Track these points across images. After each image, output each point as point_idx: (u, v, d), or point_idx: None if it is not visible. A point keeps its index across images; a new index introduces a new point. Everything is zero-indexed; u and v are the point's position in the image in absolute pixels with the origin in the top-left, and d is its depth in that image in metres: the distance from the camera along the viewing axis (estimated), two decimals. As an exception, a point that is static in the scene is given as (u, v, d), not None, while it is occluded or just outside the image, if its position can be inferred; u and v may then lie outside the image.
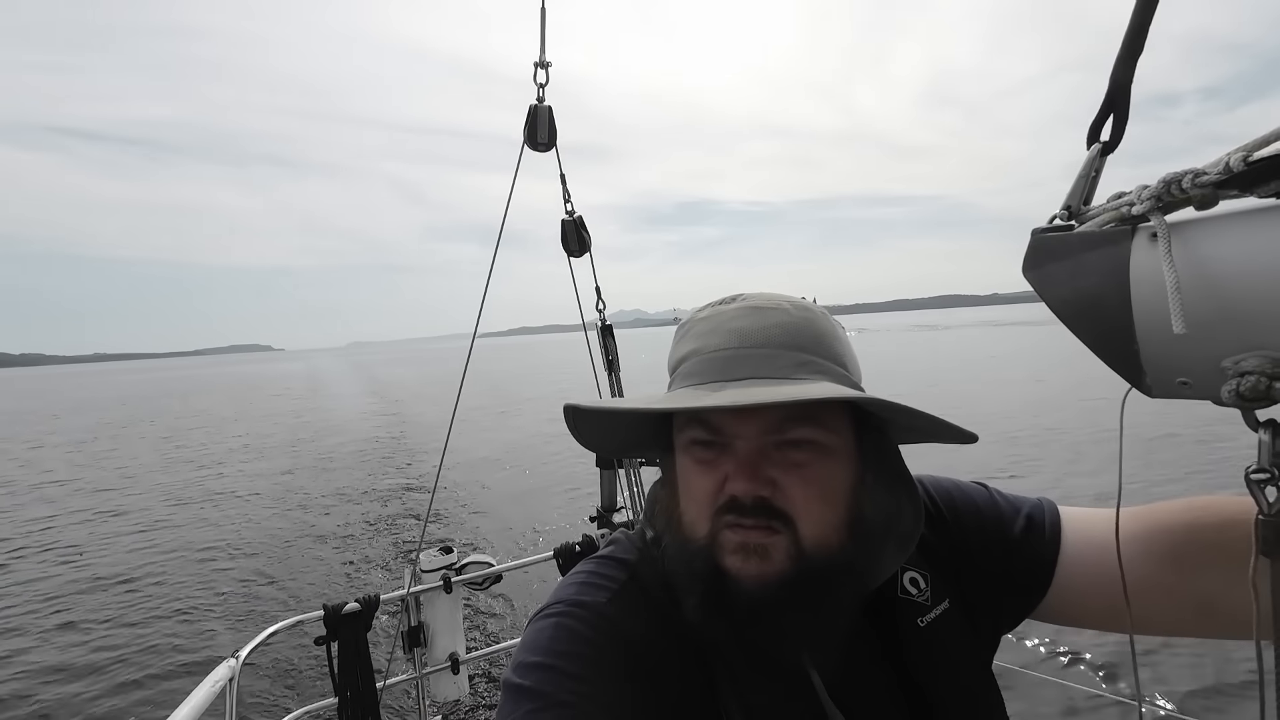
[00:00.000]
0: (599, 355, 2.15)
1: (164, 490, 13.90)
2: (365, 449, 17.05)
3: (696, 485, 0.58)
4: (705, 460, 0.58)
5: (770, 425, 0.56)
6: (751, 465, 0.55)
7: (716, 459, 0.58)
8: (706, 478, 0.58)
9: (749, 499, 0.55)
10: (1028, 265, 0.54)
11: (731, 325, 0.60)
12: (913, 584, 0.65)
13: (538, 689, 0.52)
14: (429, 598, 2.32)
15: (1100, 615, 0.65)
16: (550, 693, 0.51)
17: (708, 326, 0.61)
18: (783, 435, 0.56)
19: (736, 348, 0.58)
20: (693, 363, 0.60)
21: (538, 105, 1.76)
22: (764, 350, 0.58)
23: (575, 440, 0.68)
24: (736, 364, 0.58)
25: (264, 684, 5.14)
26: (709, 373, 0.58)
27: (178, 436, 23.73)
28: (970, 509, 0.71)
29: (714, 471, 0.57)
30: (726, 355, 0.58)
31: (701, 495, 0.58)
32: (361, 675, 2.04)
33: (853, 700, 0.59)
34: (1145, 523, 0.63)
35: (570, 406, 0.62)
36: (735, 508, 0.55)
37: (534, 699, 0.51)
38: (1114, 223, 0.48)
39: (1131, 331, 0.47)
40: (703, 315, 0.63)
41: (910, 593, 0.64)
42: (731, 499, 0.55)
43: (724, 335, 0.60)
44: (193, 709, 1.54)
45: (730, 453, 0.57)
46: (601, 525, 2.42)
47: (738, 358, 0.58)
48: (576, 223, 1.93)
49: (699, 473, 0.58)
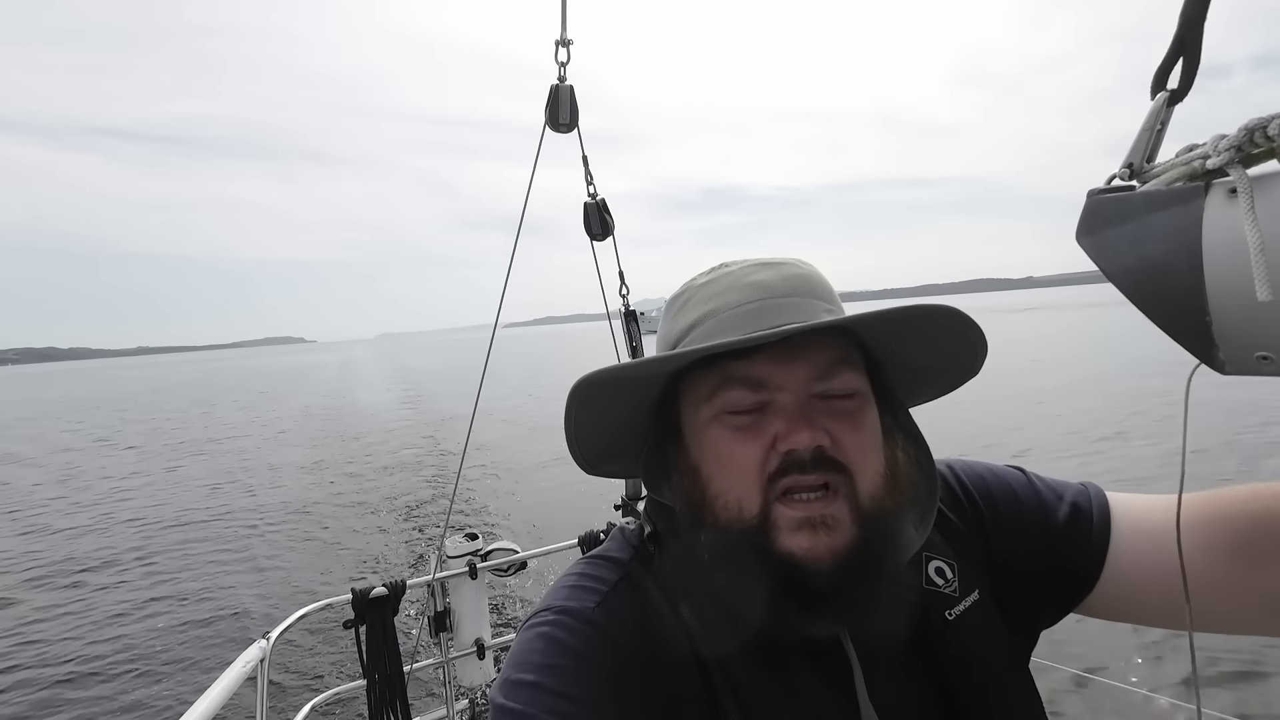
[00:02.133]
0: (622, 341, 2.13)
1: (200, 477, 14.35)
2: (393, 437, 17.36)
3: (740, 456, 0.53)
4: (744, 426, 0.53)
5: (817, 372, 0.53)
6: (807, 413, 0.51)
7: (757, 422, 0.53)
8: (751, 444, 0.52)
9: (809, 451, 0.50)
10: (1082, 231, 0.49)
11: (749, 280, 0.56)
12: (939, 574, 0.61)
13: (521, 710, 0.49)
14: (455, 583, 2.34)
15: (1155, 611, 0.61)
16: (534, 714, 0.49)
17: (719, 287, 0.57)
18: (829, 383, 0.53)
19: (763, 299, 0.55)
20: (714, 322, 0.56)
21: (559, 85, 1.73)
22: (792, 299, 0.55)
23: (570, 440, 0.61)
24: (768, 314, 0.54)
25: (294, 665, 5.29)
26: (740, 327, 0.54)
27: (212, 427, 24.46)
28: (1006, 495, 0.67)
29: (759, 435, 0.52)
30: (754, 307, 0.55)
31: (747, 465, 0.52)
32: (389, 658, 2.07)
33: (879, 699, 0.55)
34: (1207, 511, 0.58)
35: (587, 379, 0.55)
36: (793, 466, 0.51)
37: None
38: (1184, 179, 0.43)
39: (1203, 301, 0.42)
40: (703, 281, 0.60)
41: (937, 583, 0.60)
42: (788, 456, 0.51)
43: (744, 290, 0.56)
44: (225, 688, 1.58)
45: (773, 411, 0.53)
46: (626, 513, 2.41)
47: (767, 308, 0.54)
48: (599, 205, 1.90)
49: (740, 441, 0.53)
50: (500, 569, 2.44)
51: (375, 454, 15.03)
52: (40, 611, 7.19)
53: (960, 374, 0.63)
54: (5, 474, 16.56)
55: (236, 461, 15.97)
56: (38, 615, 7.09)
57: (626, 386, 0.59)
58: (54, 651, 6.19)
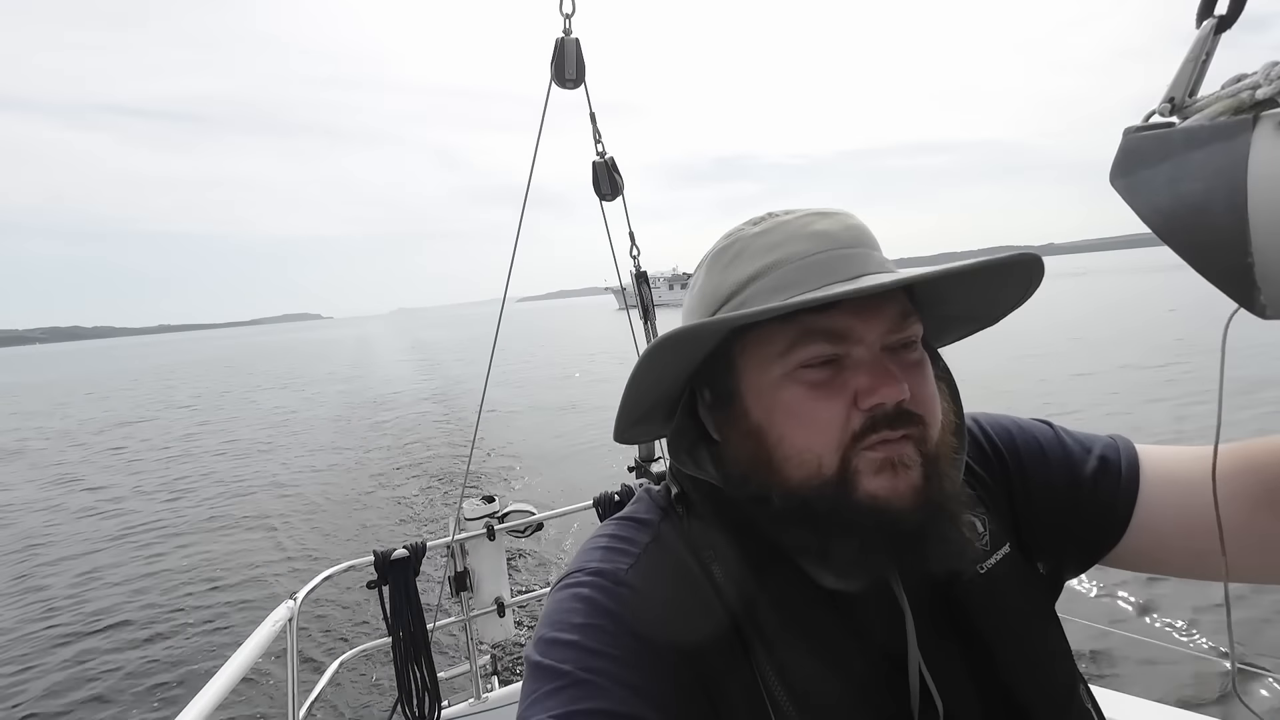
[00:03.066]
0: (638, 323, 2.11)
1: (227, 447, 14.66)
2: (409, 408, 17.57)
3: (821, 413, 0.51)
4: (823, 382, 0.51)
5: (893, 323, 0.52)
6: (889, 367, 0.50)
7: (835, 377, 0.51)
8: (832, 401, 0.51)
9: (892, 405, 0.50)
10: (1116, 172, 0.47)
11: (813, 229, 0.54)
12: (969, 528, 0.60)
13: (558, 667, 0.50)
14: (473, 545, 2.39)
15: (1183, 562, 0.60)
16: (570, 670, 0.49)
17: (778, 237, 0.55)
18: (903, 334, 0.52)
19: (833, 249, 0.53)
20: (781, 273, 0.53)
21: (564, 38, 1.67)
22: (859, 249, 0.53)
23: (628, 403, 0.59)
24: (844, 263, 0.52)
25: (321, 624, 5.48)
26: (811, 279, 0.51)
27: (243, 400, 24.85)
28: (1033, 448, 0.66)
29: (840, 392, 0.51)
30: (828, 256, 0.53)
31: (829, 423, 0.51)
32: (412, 617, 2.12)
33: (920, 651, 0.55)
34: (1239, 461, 0.57)
35: (671, 334, 0.53)
36: (881, 422, 0.50)
37: (555, 677, 0.49)
38: (1229, 112, 0.41)
39: (1245, 241, 0.40)
40: (756, 231, 0.56)
41: (969, 517, 0.59)
42: (874, 411, 0.50)
43: (810, 239, 0.53)
44: (256, 645, 1.63)
45: (850, 366, 0.51)
46: (640, 475, 2.43)
47: (841, 257, 0.52)
48: (608, 164, 1.86)
49: (820, 398, 0.51)
50: (517, 530, 2.48)
51: (393, 424, 15.25)
52: (82, 572, 7.48)
53: (981, 324, 0.63)
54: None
55: (263, 432, 16.28)
56: (82, 572, 7.37)
57: (691, 345, 0.56)
58: (90, 609, 6.46)
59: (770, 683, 0.51)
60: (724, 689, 0.52)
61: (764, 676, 0.52)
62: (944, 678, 0.55)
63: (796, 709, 0.51)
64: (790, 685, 0.51)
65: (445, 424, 14.39)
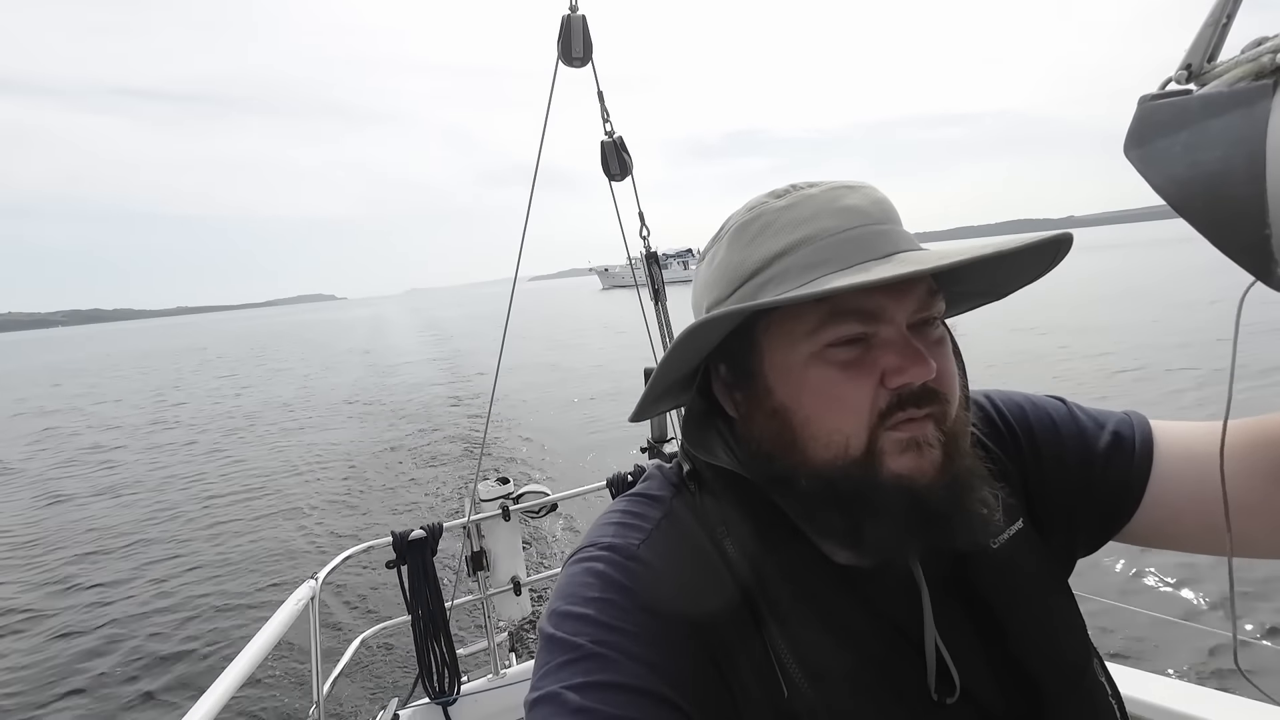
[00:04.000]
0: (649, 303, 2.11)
1: (244, 431, 14.92)
2: (425, 389, 17.74)
3: (849, 393, 0.51)
4: (851, 361, 0.51)
5: (921, 302, 0.52)
6: (918, 348, 0.50)
7: (863, 356, 0.51)
8: (861, 381, 0.51)
9: (920, 385, 0.50)
10: (1131, 143, 0.46)
11: (842, 204, 0.53)
12: (981, 504, 0.60)
13: (572, 640, 0.50)
14: (489, 525, 2.42)
15: (1195, 537, 0.60)
16: (583, 644, 0.49)
17: (805, 212, 0.53)
18: (929, 311, 0.52)
19: (864, 225, 0.52)
20: (812, 249, 0.52)
21: (571, 14, 1.65)
22: (889, 226, 0.53)
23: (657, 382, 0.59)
24: (877, 239, 0.52)
25: (342, 603, 5.61)
26: (848, 255, 0.51)
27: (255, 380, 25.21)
28: (1045, 425, 0.66)
29: (869, 371, 0.51)
30: (860, 232, 0.52)
31: (858, 403, 0.51)
32: (431, 595, 2.17)
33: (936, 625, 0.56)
34: (1252, 436, 0.56)
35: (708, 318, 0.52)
36: (909, 400, 0.50)
37: (569, 650, 0.50)
38: (1249, 78, 0.40)
39: (1263, 213, 0.39)
40: (781, 205, 0.55)
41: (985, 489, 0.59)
42: (901, 390, 0.50)
43: (839, 215, 0.53)
44: (281, 623, 1.68)
45: (878, 345, 0.51)
46: (653, 456, 2.45)
47: (874, 233, 0.52)
48: (617, 143, 1.85)
49: (848, 379, 0.51)
50: (532, 511, 2.51)
51: (409, 407, 15.41)
52: (101, 554, 7.69)
53: (990, 298, 0.63)
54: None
55: (278, 416, 16.54)
56: (101, 553, 7.59)
57: (721, 323, 0.55)
58: (118, 591, 6.65)
59: (783, 656, 0.52)
60: (736, 663, 0.52)
61: (776, 651, 0.52)
62: (957, 651, 0.55)
63: (810, 682, 0.51)
64: (803, 659, 0.52)
65: (459, 406, 14.52)
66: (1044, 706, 0.55)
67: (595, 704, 0.46)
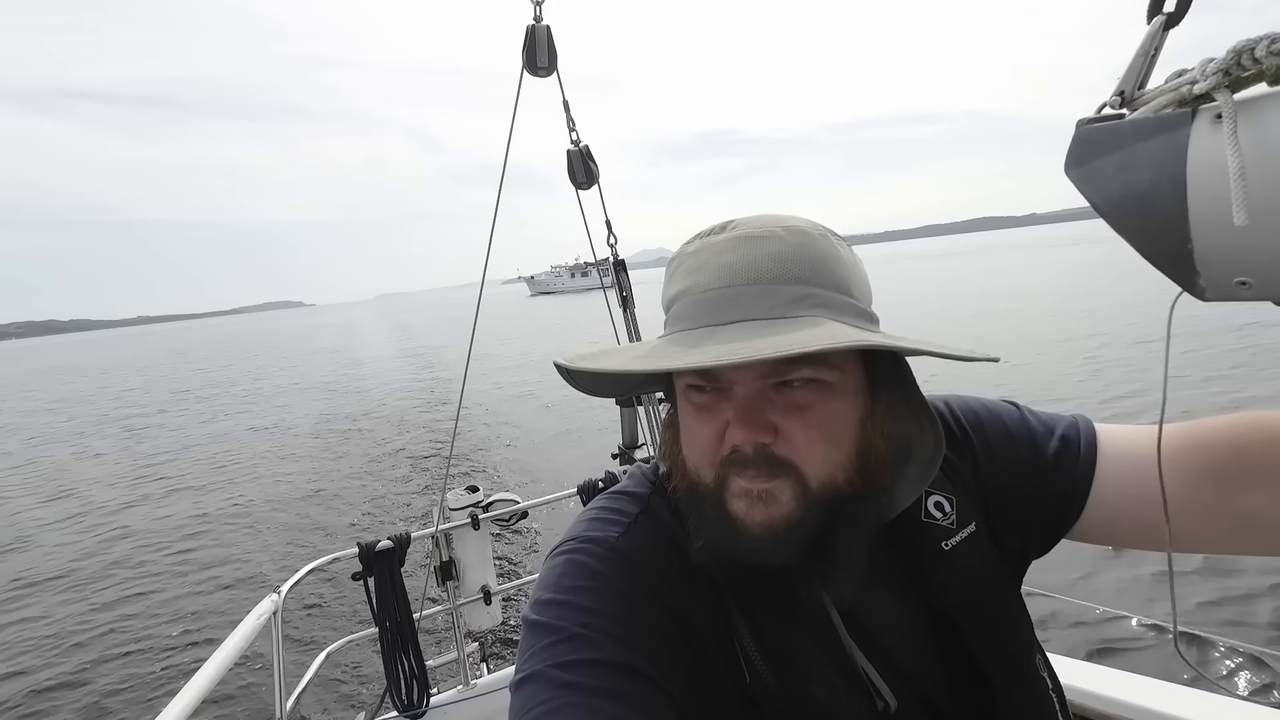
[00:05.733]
0: (612, 293, 2.12)
1: (204, 438, 14.44)
2: (392, 396, 17.42)
3: (698, 433, 0.57)
4: (703, 406, 0.56)
5: (768, 369, 0.53)
6: (751, 413, 0.53)
7: (715, 404, 0.56)
8: (706, 425, 0.56)
9: (750, 448, 0.53)
10: (1070, 162, 0.49)
11: (720, 260, 0.55)
12: (937, 507, 0.64)
13: (553, 624, 0.53)
14: (458, 534, 2.39)
15: (1136, 534, 0.63)
16: (565, 626, 0.53)
17: (696, 262, 0.57)
18: (782, 377, 0.53)
19: (726, 285, 0.54)
20: (682, 304, 0.57)
21: (535, 25, 1.66)
22: (756, 287, 0.53)
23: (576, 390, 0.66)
24: (725, 305, 0.54)
25: (308, 617, 5.46)
26: (698, 315, 0.55)
27: (218, 388, 24.44)
28: (999, 430, 0.69)
29: (714, 418, 0.55)
30: (715, 295, 0.54)
31: (704, 443, 0.56)
32: (399, 607, 2.13)
33: (875, 627, 0.59)
34: (1186, 440, 0.60)
35: (559, 365, 0.60)
36: (739, 461, 0.53)
37: (552, 633, 0.53)
38: (1172, 105, 0.43)
39: (1185, 228, 0.42)
40: (692, 249, 0.59)
41: (935, 516, 0.63)
42: (734, 449, 0.54)
43: (713, 272, 0.55)
44: (241, 639, 1.63)
45: (729, 396, 0.55)
46: (624, 462, 2.46)
47: (727, 297, 0.54)
48: (583, 152, 1.86)
49: (699, 420, 0.56)
50: (502, 519, 2.49)
51: (376, 415, 15.12)
52: (49, 573, 7.35)
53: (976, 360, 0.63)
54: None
55: (238, 422, 16.05)
56: (45, 574, 7.26)
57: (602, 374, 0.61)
58: (72, 603, 6.37)
59: (746, 644, 0.56)
60: (705, 646, 0.56)
61: (740, 638, 0.57)
62: (908, 645, 0.59)
63: (770, 669, 0.55)
64: (764, 646, 0.56)
65: (427, 413, 14.31)
66: (993, 698, 0.58)
67: (579, 678, 0.49)
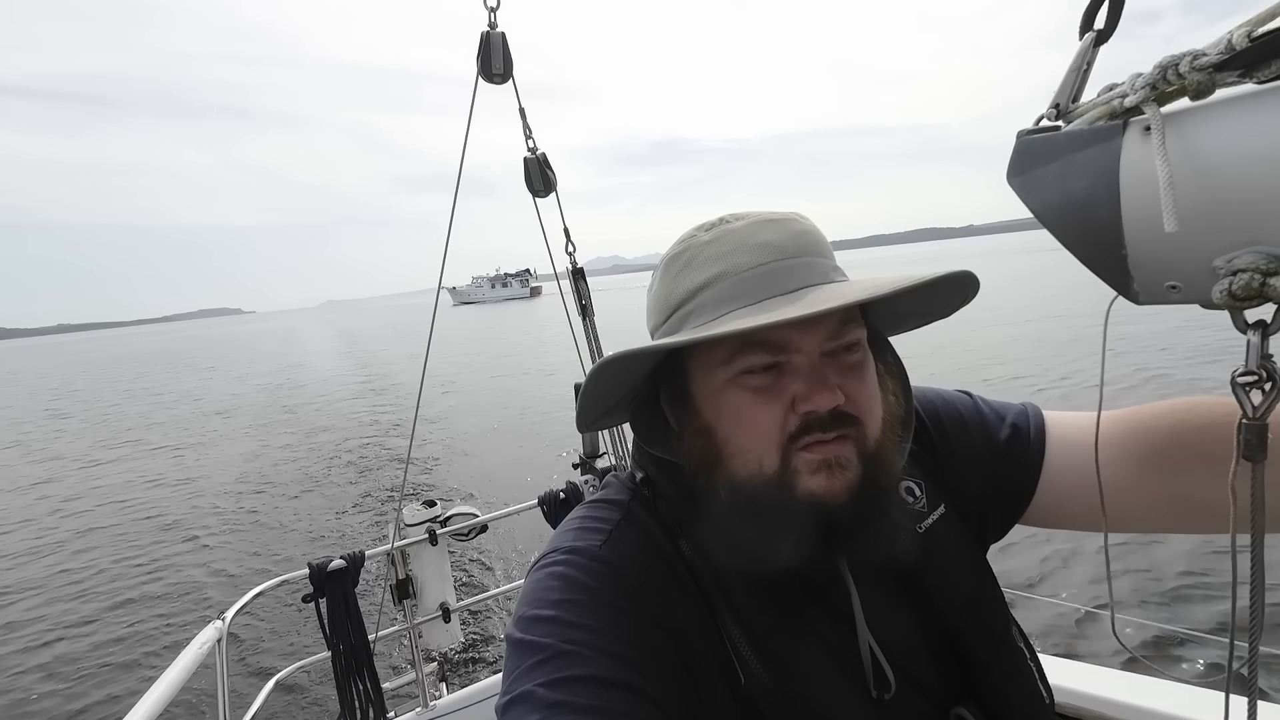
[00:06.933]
0: (572, 301, 2.11)
1: (138, 455, 13.69)
2: (342, 410, 16.90)
3: (761, 418, 0.54)
4: (764, 388, 0.55)
5: (831, 331, 0.55)
6: (825, 376, 0.54)
7: (775, 383, 0.55)
8: (772, 404, 0.54)
9: (828, 411, 0.53)
10: (1012, 172, 0.51)
11: (758, 240, 0.56)
12: (908, 492, 0.66)
13: (540, 641, 0.52)
14: (415, 551, 2.33)
15: (1082, 517, 0.66)
16: (552, 644, 0.51)
17: (726, 247, 0.57)
18: (842, 340, 0.55)
19: (775, 260, 0.55)
20: (726, 285, 0.56)
21: (490, 31, 1.65)
22: (803, 259, 0.56)
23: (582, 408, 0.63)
24: (784, 275, 0.55)
25: (256, 644, 5.22)
26: (754, 291, 0.54)
27: (149, 400, 23.24)
28: (955, 418, 0.72)
29: (778, 396, 0.54)
30: (770, 269, 0.55)
31: (768, 426, 0.54)
32: (353, 629, 2.06)
33: (870, 616, 0.60)
34: (1127, 425, 0.63)
35: (613, 358, 0.57)
36: (814, 425, 0.53)
37: (539, 651, 0.51)
38: (1105, 118, 0.45)
39: (1119, 235, 0.44)
40: (706, 239, 0.59)
41: (907, 501, 0.65)
42: (808, 417, 0.53)
43: (754, 251, 0.56)
44: (181, 671, 1.54)
45: (790, 372, 0.54)
46: (585, 472, 2.44)
47: (783, 269, 0.55)
48: (540, 160, 1.85)
49: (760, 402, 0.55)
50: (461, 533, 2.44)
51: (323, 429, 14.63)
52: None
53: (933, 318, 0.67)
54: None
55: (177, 438, 15.28)
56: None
57: (643, 357, 0.59)
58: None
59: (739, 645, 0.56)
60: (696, 652, 0.56)
61: (732, 640, 0.56)
62: (893, 629, 0.60)
63: (765, 669, 0.55)
64: (758, 647, 0.56)
65: (378, 424, 13.92)
66: (974, 670, 0.60)
67: (568, 697, 0.48)
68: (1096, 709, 1.17)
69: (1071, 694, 1.19)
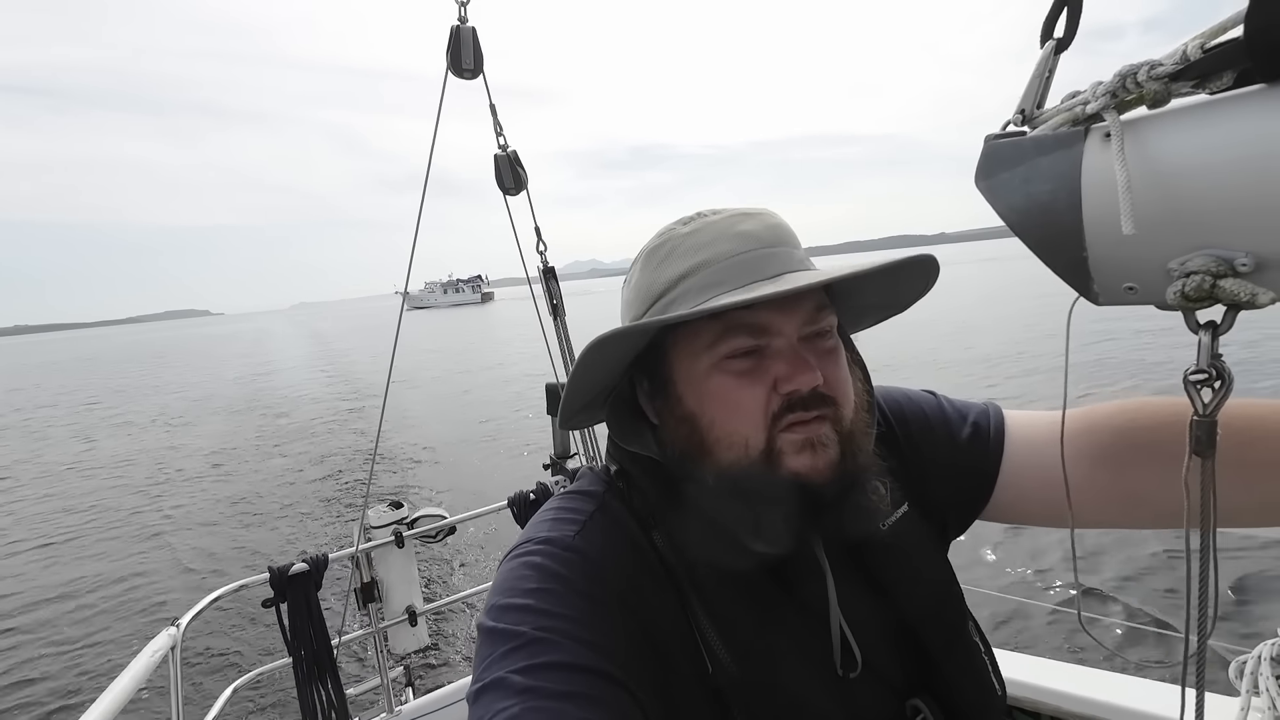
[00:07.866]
0: (543, 301, 2.09)
1: (95, 460, 13.16)
2: (308, 410, 16.51)
3: (745, 399, 0.56)
4: (746, 370, 0.57)
5: (808, 316, 0.57)
6: (805, 357, 0.56)
7: (757, 365, 0.57)
8: (755, 386, 0.56)
9: (809, 390, 0.55)
10: (980, 175, 0.52)
11: (738, 230, 0.59)
12: (873, 491, 0.66)
13: (512, 629, 0.51)
14: (380, 554, 2.29)
15: (1042, 513, 0.68)
16: (525, 631, 0.51)
17: (706, 237, 0.59)
18: (818, 325, 0.58)
19: (756, 248, 0.58)
20: (710, 271, 0.58)
21: (460, 26, 1.62)
22: (780, 248, 0.59)
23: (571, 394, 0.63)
24: (765, 262, 0.57)
25: (212, 651, 5.07)
26: (738, 276, 0.57)
27: (107, 406, 22.37)
28: (918, 417, 0.73)
29: (761, 378, 0.57)
30: (751, 256, 0.58)
31: (752, 407, 0.56)
32: (315, 633, 2.01)
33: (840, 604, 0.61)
34: (1082, 424, 0.65)
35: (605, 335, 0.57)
36: (796, 404, 0.55)
37: (510, 639, 0.51)
38: (1067, 124, 0.46)
39: (1081, 237, 0.46)
40: (686, 231, 0.61)
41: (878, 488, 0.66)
42: (790, 396, 0.55)
43: (735, 240, 0.59)
44: (133, 679, 1.48)
45: (771, 355, 0.57)
46: (555, 472, 2.42)
47: (763, 256, 0.58)
48: (510, 157, 1.83)
49: (745, 385, 0.57)
50: (428, 535, 2.40)
51: (287, 430, 14.26)
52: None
53: (892, 311, 0.70)
54: None
55: (134, 443, 14.72)
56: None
57: (625, 341, 0.60)
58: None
59: (708, 635, 0.56)
60: (666, 641, 0.56)
61: (701, 630, 0.57)
62: (858, 620, 0.61)
63: (733, 659, 0.56)
64: (727, 637, 0.56)
65: (343, 425, 13.63)
66: (931, 663, 0.62)
67: (541, 683, 0.48)
68: (1048, 700, 1.21)
69: (1024, 686, 1.22)
